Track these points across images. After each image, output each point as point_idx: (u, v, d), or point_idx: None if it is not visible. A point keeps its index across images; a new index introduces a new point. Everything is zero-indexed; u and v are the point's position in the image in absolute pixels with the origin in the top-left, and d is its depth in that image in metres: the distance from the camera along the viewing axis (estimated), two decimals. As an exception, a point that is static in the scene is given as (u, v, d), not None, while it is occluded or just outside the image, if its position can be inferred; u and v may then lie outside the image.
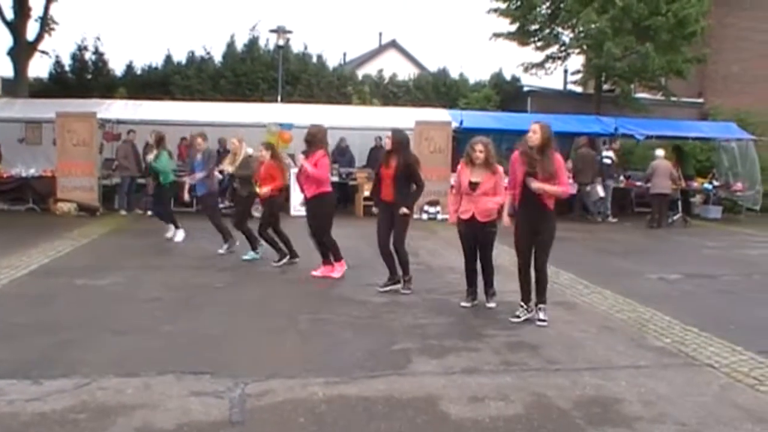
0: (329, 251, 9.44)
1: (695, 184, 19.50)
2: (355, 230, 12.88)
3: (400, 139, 8.51)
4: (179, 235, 12.45)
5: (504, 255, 8.24)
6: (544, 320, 7.21)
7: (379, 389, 5.13)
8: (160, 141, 12.31)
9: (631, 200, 20.65)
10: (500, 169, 7.67)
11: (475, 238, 7.76)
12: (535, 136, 7.05)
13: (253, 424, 4.46)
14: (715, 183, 20.04)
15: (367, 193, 17.42)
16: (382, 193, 8.60)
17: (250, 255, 10.52)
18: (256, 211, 11.97)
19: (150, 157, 12.46)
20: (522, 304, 7.40)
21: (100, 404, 4.68)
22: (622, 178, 19.55)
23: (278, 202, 10.48)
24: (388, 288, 8.56)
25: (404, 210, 8.26)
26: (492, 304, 7.85)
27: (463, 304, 7.91)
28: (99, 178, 16.84)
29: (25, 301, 7.71)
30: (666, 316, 7.64)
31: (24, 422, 4.37)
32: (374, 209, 9.04)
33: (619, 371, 5.72)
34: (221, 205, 11.33)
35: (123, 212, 16.74)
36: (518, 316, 7.33)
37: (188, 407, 4.67)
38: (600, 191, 17.77)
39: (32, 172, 17.11)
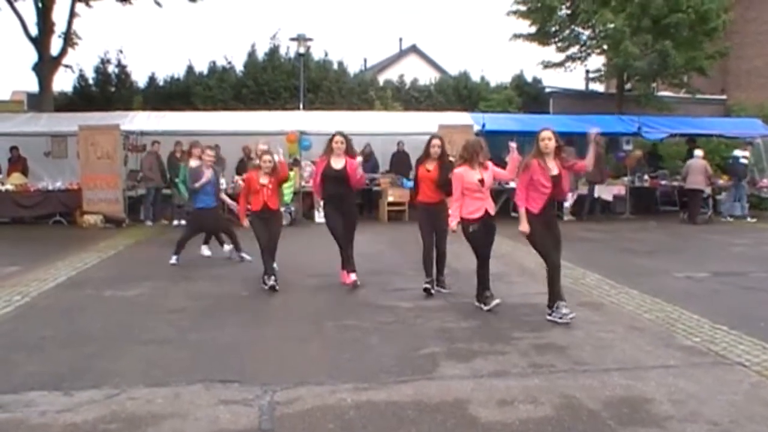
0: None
1: (720, 182, 19.34)
2: (379, 236, 12.88)
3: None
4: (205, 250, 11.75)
5: (528, 257, 8.15)
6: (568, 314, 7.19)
7: (407, 394, 5.12)
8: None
9: (656, 199, 20.49)
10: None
11: (488, 234, 7.74)
12: (551, 143, 7.16)
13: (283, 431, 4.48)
14: (741, 180, 19.83)
15: (391, 199, 17.46)
16: (425, 196, 8.63)
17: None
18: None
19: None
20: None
21: (130, 414, 4.71)
22: (646, 177, 19.42)
23: None
24: (432, 287, 8.59)
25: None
26: (497, 300, 7.79)
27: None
28: (124, 190, 17.02)
29: (53, 313, 7.79)
30: (694, 314, 7.56)
31: (56, 433, 4.41)
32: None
33: (649, 371, 5.67)
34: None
35: (149, 223, 16.87)
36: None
37: (217, 416, 4.69)
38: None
39: (58, 185, 17.31)
